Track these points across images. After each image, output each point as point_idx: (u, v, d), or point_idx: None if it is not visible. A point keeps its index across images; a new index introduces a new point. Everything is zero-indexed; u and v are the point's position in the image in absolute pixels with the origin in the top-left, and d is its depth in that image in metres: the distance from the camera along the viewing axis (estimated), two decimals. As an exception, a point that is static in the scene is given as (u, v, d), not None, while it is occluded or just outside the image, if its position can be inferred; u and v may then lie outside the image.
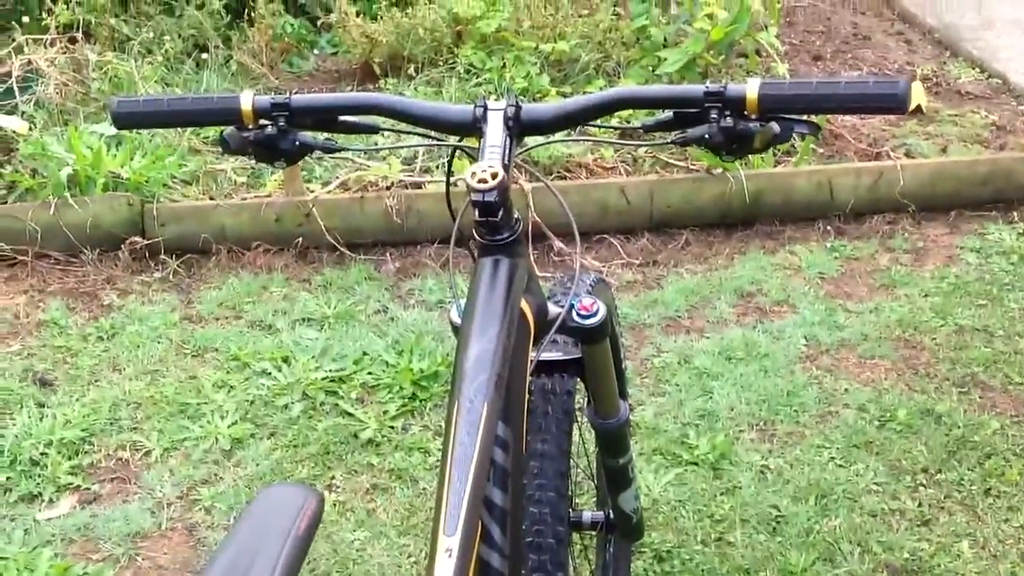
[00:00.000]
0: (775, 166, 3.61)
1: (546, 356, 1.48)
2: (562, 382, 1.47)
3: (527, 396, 1.30)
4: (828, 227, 3.47)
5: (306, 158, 2.05)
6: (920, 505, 2.31)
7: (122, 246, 3.22)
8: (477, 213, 1.22)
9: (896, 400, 2.63)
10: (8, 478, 2.41)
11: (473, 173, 1.21)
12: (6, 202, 3.30)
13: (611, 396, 1.53)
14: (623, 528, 1.73)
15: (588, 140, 3.44)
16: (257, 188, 3.44)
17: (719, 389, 2.70)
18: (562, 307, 1.37)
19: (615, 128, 1.56)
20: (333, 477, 2.42)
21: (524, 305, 1.30)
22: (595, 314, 1.38)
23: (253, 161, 1.60)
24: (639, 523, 1.76)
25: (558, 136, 2.35)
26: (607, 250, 3.42)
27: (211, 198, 3.36)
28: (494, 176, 1.21)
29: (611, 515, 1.74)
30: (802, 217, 3.50)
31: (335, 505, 2.34)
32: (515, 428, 1.24)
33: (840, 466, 2.43)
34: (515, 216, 1.27)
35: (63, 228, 3.21)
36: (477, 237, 1.25)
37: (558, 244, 3.37)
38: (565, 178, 3.57)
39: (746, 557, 2.18)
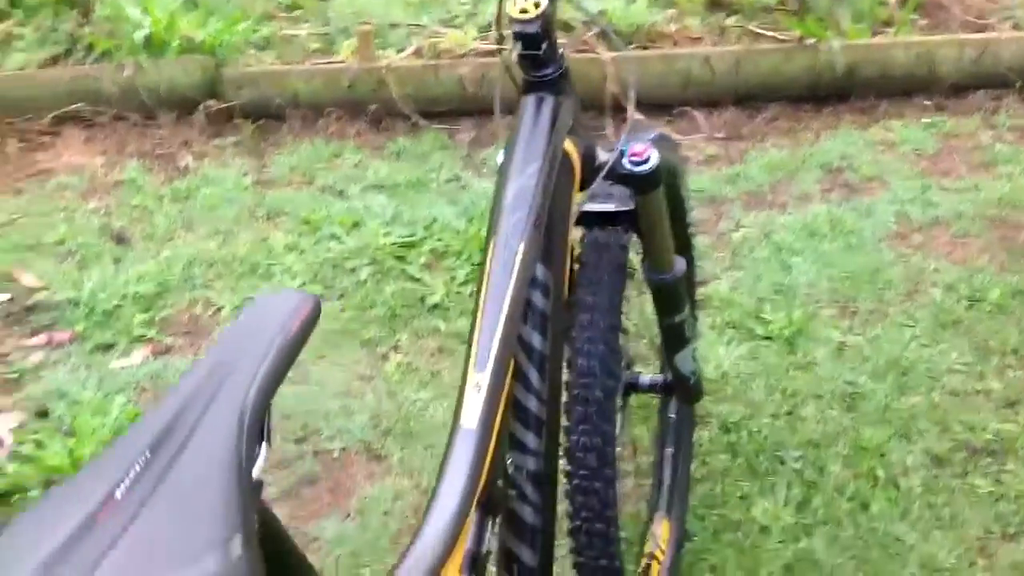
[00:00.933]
0: (872, 36, 3.42)
1: (600, 207, 1.42)
2: (616, 235, 1.41)
3: (571, 243, 1.24)
4: (927, 102, 3.30)
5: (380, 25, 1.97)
6: (1007, 387, 2.21)
7: (197, 109, 3.21)
8: (520, 46, 1.17)
9: (988, 280, 2.51)
10: (85, 328, 2.45)
11: (515, 2, 1.15)
12: (84, 63, 3.30)
13: (665, 250, 1.46)
14: (680, 390, 1.67)
15: None
16: (330, 54, 3.38)
17: (799, 265, 2.61)
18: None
19: None
20: (399, 339, 2.41)
21: (569, 146, 1.24)
22: (647, 160, 1.31)
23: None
24: (697, 385, 1.70)
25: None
26: (688, 123, 3.31)
27: (285, 63, 3.31)
28: (536, 6, 1.15)
29: (669, 378, 1.69)
30: (899, 91, 3.32)
31: (399, 365, 2.33)
32: (556, 272, 1.19)
33: (924, 345, 2.33)
34: (560, 52, 1.21)
35: (140, 90, 3.20)
36: (521, 72, 1.19)
37: (637, 117, 3.26)
38: (646, 48, 3.43)
39: (817, 431, 2.11)
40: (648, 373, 1.72)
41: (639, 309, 1.72)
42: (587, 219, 1.43)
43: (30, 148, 3.15)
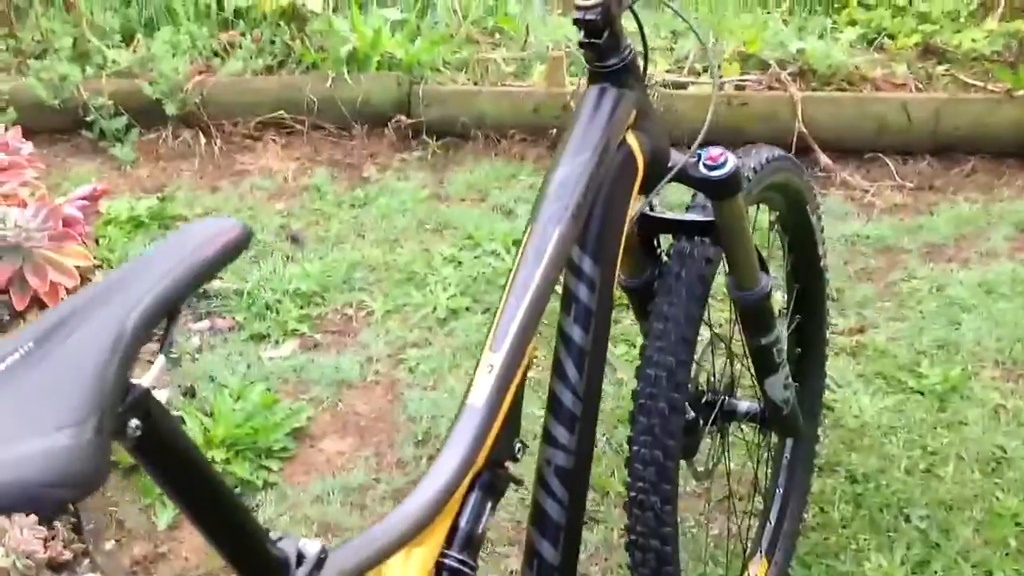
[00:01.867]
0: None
1: (683, 216, 1.39)
2: (701, 247, 1.37)
3: (627, 241, 1.22)
4: None
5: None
6: None
7: (388, 124, 3.34)
8: (581, 33, 1.16)
9: None
10: (244, 318, 2.58)
11: None
12: (293, 73, 3.49)
13: (748, 264, 1.40)
14: (773, 419, 1.60)
15: None
16: (523, 79, 3.45)
17: (969, 322, 2.45)
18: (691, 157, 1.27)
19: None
20: (535, 357, 2.41)
21: (633, 142, 1.22)
22: (723, 165, 1.27)
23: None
24: (792, 417, 1.62)
25: None
26: (879, 170, 3.17)
27: (475, 83, 3.40)
28: None
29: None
30: (1115, 152, 3.08)
31: (529, 381, 2.33)
32: (605, 268, 1.18)
33: (1092, 418, 2.15)
34: (625, 42, 1.20)
35: (337, 102, 3.36)
36: (584, 61, 1.19)
37: (824, 159, 3.16)
38: (844, 90, 3.32)
39: (952, 492, 1.97)
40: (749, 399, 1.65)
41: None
42: (675, 228, 1.40)
43: (234, 150, 3.36)
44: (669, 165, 1.29)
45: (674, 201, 1.92)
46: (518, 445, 1.07)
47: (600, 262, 1.18)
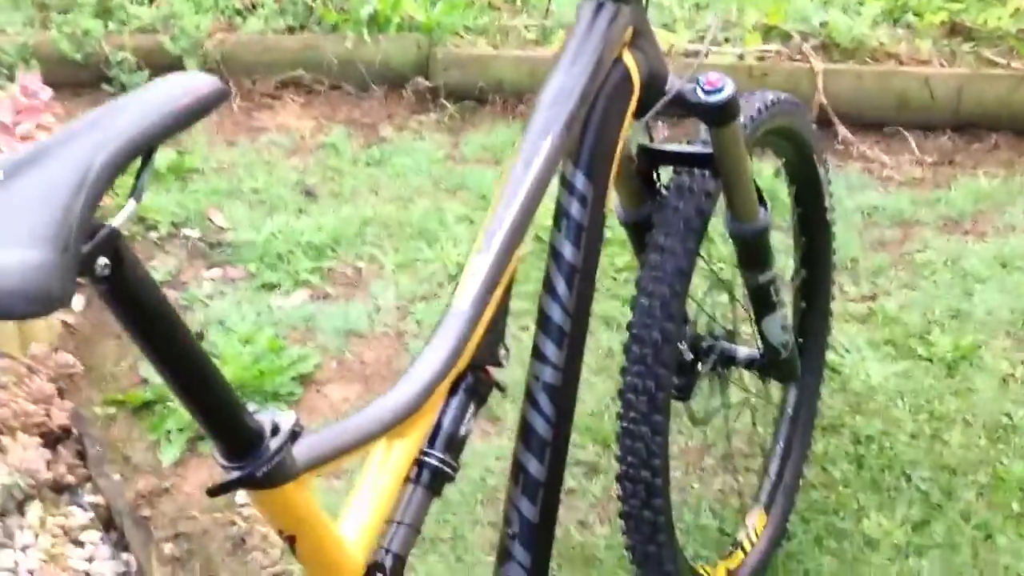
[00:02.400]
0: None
1: (687, 148, 1.39)
2: (701, 180, 1.37)
3: (618, 162, 1.21)
4: None
5: None
6: None
7: (406, 85, 3.34)
8: None
9: None
10: (256, 268, 2.58)
11: None
12: (314, 34, 3.49)
13: (746, 197, 1.40)
14: (772, 363, 1.59)
15: None
16: (544, 45, 3.44)
17: (982, 292, 2.43)
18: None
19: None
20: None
21: (629, 60, 1.22)
22: (720, 90, 1.26)
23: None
24: (790, 360, 1.61)
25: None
26: (899, 144, 3.14)
27: (495, 48, 3.40)
28: None
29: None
30: None
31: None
32: (597, 185, 1.18)
33: (1103, 389, 2.12)
34: None
35: (357, 63, 3.36)
36: None
37: (843, 131, 3.13)
38: (867, 64, 3.29)
39: (957, 456, 1.96)
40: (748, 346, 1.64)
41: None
42: (674, 159, 1.40)
43: (252, 107, 3.37)
44: (666, 89, 1.28)
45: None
46: (503, 351, 1.07)
47: (593, 178, 1.18)
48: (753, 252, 1.46)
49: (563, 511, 1.84)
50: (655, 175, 1.43)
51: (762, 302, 1.52)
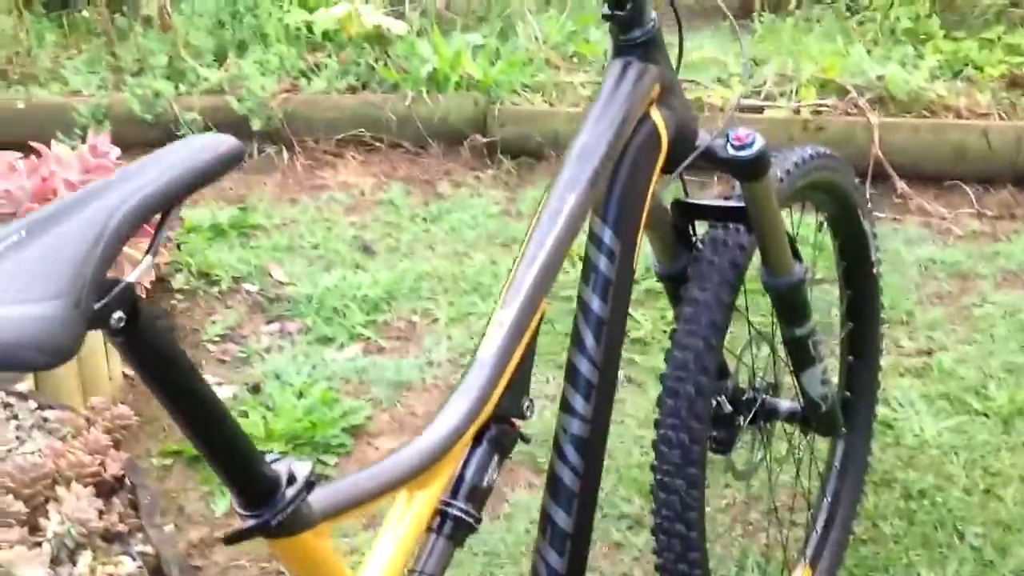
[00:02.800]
0: None
1: (721, 202, 1.40)
2: (736, 235, 1.38)
3: (646, 216, 1.23)
4: None
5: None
6: None
7: (464, 142, 3.40)
8: (605, 5, 1.19)
9: None
10: (313, 322, 2.63)
11: None
12: (375, 93, 3.58)
13: (779, 250, 1.40)
14: (813, 416, 1.58)
15: None
16: (600, 101, 3.48)
17: (1042, 347, 2.39)
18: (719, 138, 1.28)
19: None
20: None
21: (657, 117, 1.24)
22: (750, 145, 1.27)
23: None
24: (832, 414, 1.60)
25: None
26: (958, 197, 3.12)
27: (550, 104, 3.45)
28: None
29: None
30: None
31: (586, 389, 2.34)
32: (625, 241, 1.20)
33: None
34: (650, 16, 1.22)
35: (416, 120, 3.43)
36: (609, 34, 1.21)
37: (900, 185, 3.12)
38: (924, 117, 3.28)
39: (1012, 513, 1.92)
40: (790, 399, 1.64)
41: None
42: (708, 213, 1.41)
43: (315, 165, 3.45)
44: (696, 144, 1.30)
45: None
46: (527, 403, 1.09)
47: (620, 233, 1.20)
48: (789, 306, 1.46)
49: (607, 565, 1.86)
50: (691, 229, 1.45)
51: (800, 355, 1.52)
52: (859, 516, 1.88)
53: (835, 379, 1.73)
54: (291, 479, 0.83)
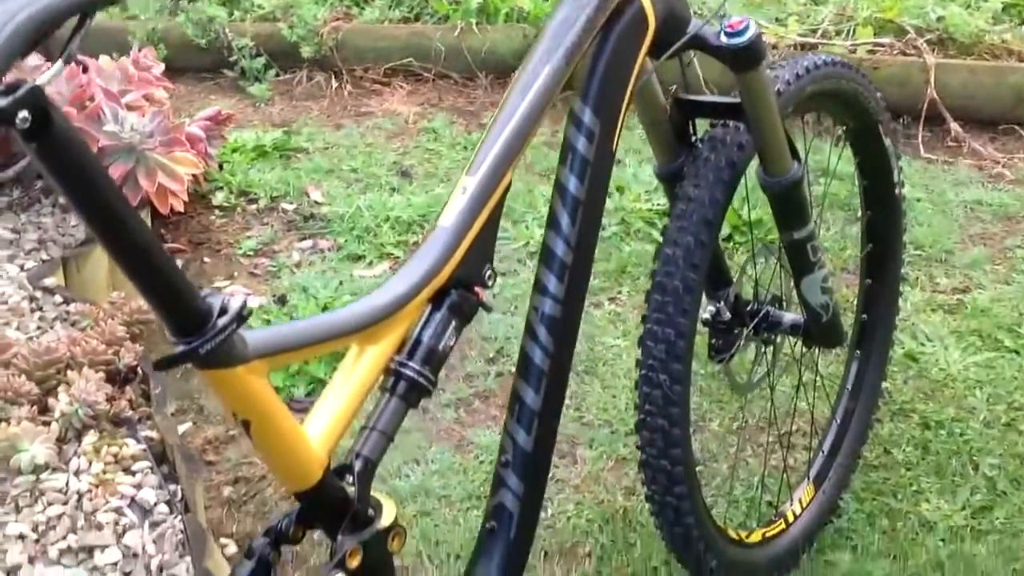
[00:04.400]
0: None
1: (718, 98, 1.37)
2: (736, 133, 1.35)
3: (628, 103, 1.21)
4: None
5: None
6: None
7: (511, 74, 3.37)
8: None
9: None
10: (345, 240, 2.65)
11: None
12: (426, 23, 3.57)
13: (776, 148, 1.37)
14: (812, 327, 1.55)
15: None
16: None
17: (1083, 288, 2.32)
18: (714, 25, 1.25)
19: None
20: (619, 292, 2.41)
21: (646, 2, 1.21)
22: (743, 32, 1.24)
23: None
24: (832, 325, 1.56)
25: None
26: (1015, 142, 3.02)
27: (600, 37, 3.41)
28: None
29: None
30: None
31: (609, 313, 2.33)
32: (605, 121, 1.18)
33: None
34: None
35: (464, 52, 3.42)
36: None
37: (955, 127, 3.03)
38: (983, 59, 3.18)
39: (1030, 446, 1.88)
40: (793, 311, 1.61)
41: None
42: (705, 109, 1.39)
43: (362, 93, 3.46)
44: (687, 31, 1.27)
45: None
46: (488, 271, 1.08)
47: (600, 114, 1.18)
48: (787, 207, 1.43)
49: (611, 478, 1.86)
50: (691, 127, 1.42)
51: (799, 261, 1.48)
52: (871, 442, 1.85)
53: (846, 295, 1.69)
54: (223, 311, 0.83)
